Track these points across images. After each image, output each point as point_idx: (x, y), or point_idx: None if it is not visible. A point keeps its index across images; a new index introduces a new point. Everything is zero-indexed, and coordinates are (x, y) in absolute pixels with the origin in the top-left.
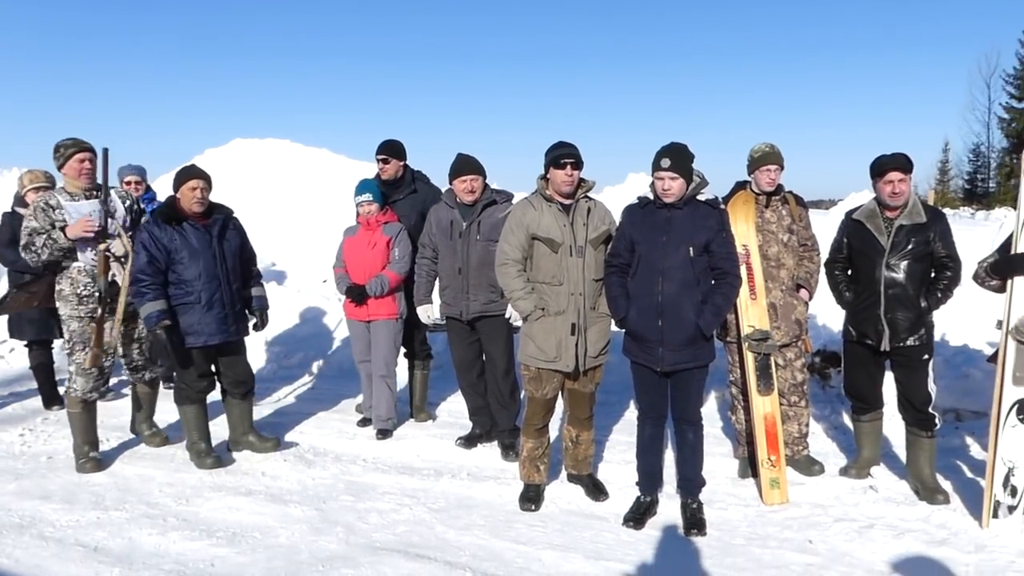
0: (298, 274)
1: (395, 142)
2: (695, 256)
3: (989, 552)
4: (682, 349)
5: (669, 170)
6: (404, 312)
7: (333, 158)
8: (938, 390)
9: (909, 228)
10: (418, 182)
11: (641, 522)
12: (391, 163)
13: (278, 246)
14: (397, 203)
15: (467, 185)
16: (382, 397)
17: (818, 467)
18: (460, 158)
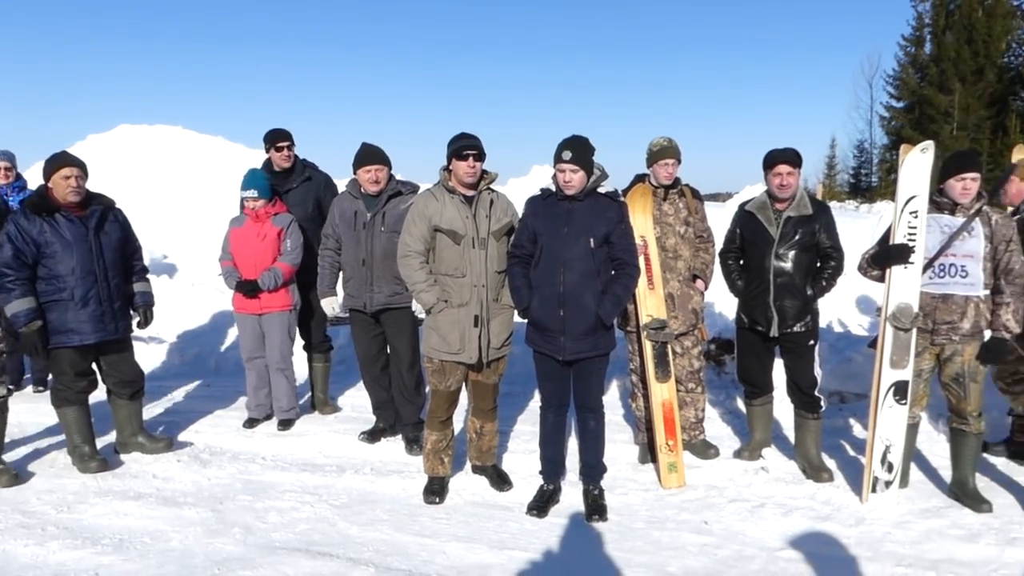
0: (192, 267)
1: (286, 130)
2: (596, 247)
3: (868, 525)
4: (583, 338)
5: (571, 162)
6: (298, 303)
7: (229, 147)
8: (823, 374)
9: (796, 220)
10: (309, 169)
11: (544, 510)
12: (285, 149)
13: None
14: (291, 192)
15: (372, 175)
16: (282, 388)
17: (713, 450)
18: (364, 147)
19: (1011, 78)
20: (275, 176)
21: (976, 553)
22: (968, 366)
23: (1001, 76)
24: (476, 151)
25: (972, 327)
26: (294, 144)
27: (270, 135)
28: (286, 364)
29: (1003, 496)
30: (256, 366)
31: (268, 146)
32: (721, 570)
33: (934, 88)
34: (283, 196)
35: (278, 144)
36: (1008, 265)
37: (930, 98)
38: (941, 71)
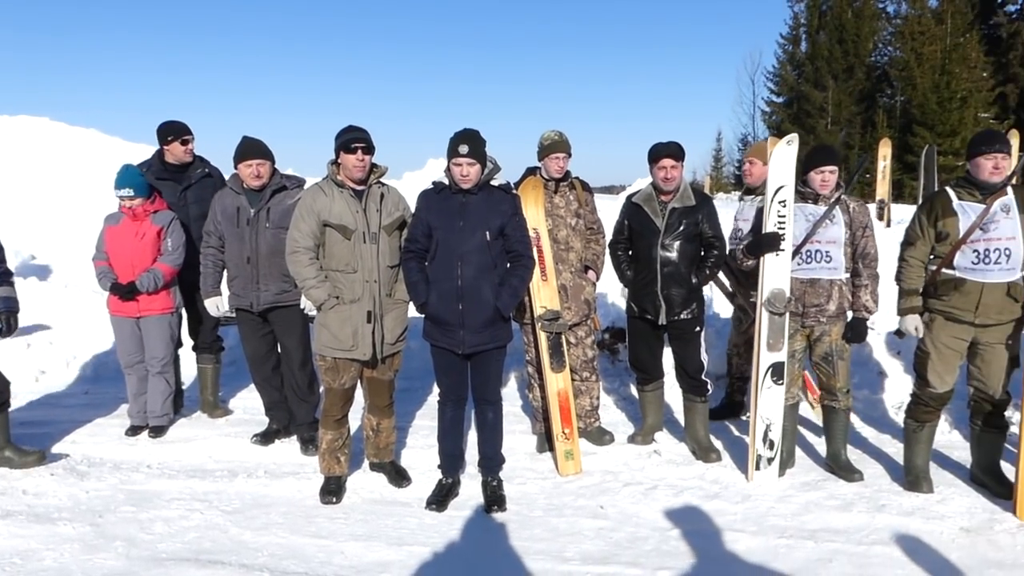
0: (65, 268)
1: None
2: (491, 240)
3: (753, 501)
4: (482, 331)
5: (468, 156)
6: (180, 305)
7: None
8: (711, 358)
9: (681, 211)
10: (206, 165)
11: (444, 504)
12: (191, 143)
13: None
14: (191, 188)
15: (253, 170)
16: (157, 392)
17: (609, 437)
18: (245, 141)
19: (878, 76)
20: (171, 171)
21: (850, 521)
22: (835, 345)
23: (869, 74)
24: (365, 144)
25: (837, 309)
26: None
27: (173, 128)
28: (165, 369)
29: (873, 466)
30: (136, 371)
31: (170, 139)
32: (616, 552)
33: (810, 84)
34: (181, 192)
35: (184, 137)
36: (865, 250)
37: (807, 94)
38: (816, 69)
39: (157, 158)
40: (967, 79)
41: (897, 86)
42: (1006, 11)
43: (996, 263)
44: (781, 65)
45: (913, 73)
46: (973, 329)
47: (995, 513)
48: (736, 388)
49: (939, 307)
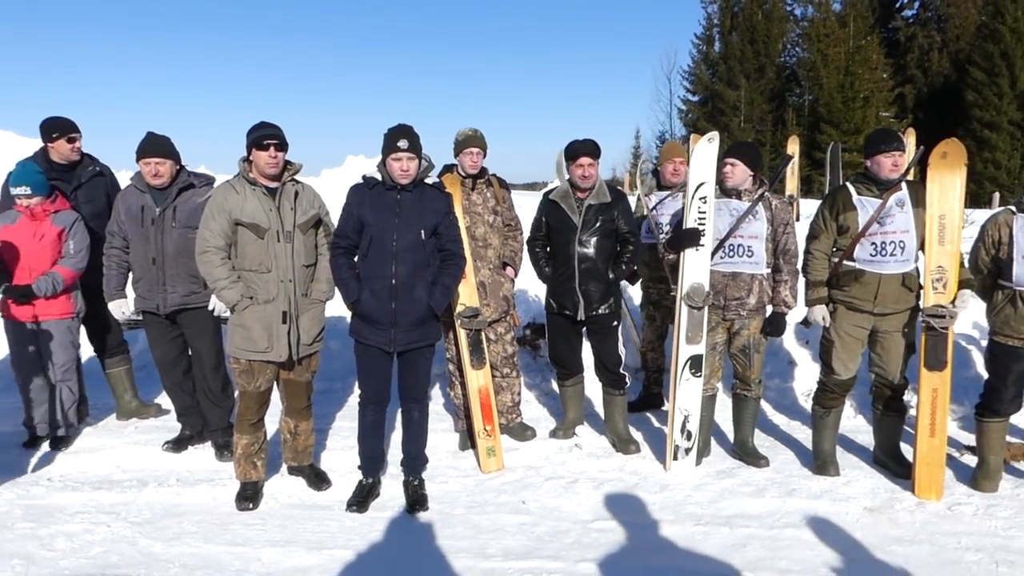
0: None
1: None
2: (426, 239)
3: (671, 490)
4: (413, 329)
5: (408, 151)
6: (82, 309)
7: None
8: (630, 351)
9: (597, 207)
10: (96, 162)
11: (364, 505)
12: (78, 140)
13: None
14: (82, 187)
15: (151, 168)
16: (60, 401)
17: (531, 432)
18: (147, 138)
19: (787, 76)
20: (58, 171)
21: (763, 506)
22: (753, 338)
23: (779, 74)
24: (277, 140)
25: (757, 302)
26: (80, 135)
27: (59, 124)
28: (67, 376)
29: (785, 452)
30: (33, 379)
31: (55, 136)
32: (538, 547)
33: (724, 84)
34: (71, 192)
35: (71, 135)
36: (785, 246)
37: (720, 93)
38: (729, 68)
39: (41, 156)
40: (869, 80)
41: (805, 86)
42: (903, 16)
43: (892, 255)
44: (696, 64)
45: (819, 73)
46: (873, 318)
47: (896, 492)
48: (653, 380)
49: (841, 297)
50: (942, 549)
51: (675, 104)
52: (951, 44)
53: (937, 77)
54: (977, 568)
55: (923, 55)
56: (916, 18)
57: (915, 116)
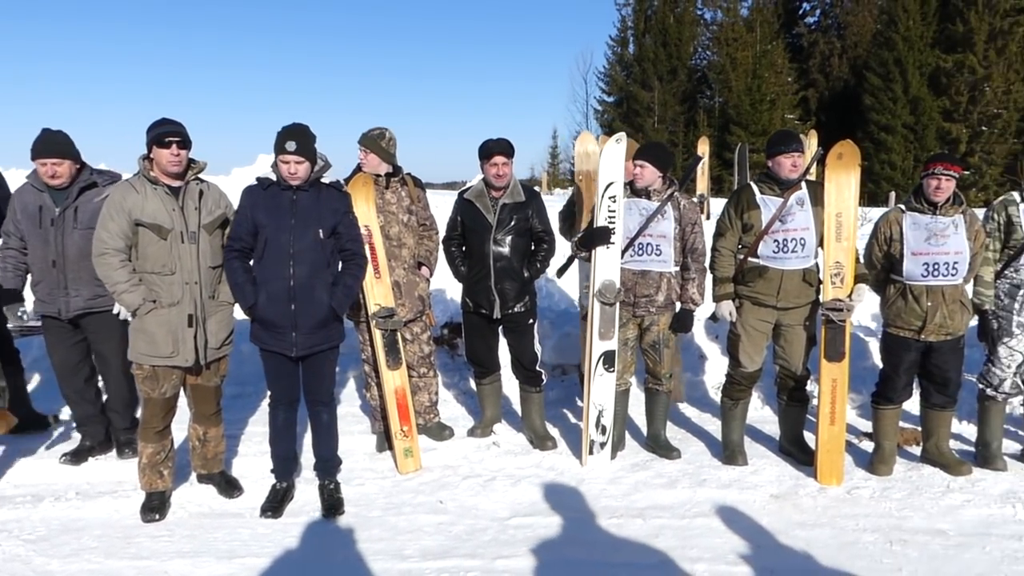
0: None
1: None
2: (324, 238)
3: (587, 484)
4: (315, 332)
5: (296, 153)
6: None
7: None
8: (546, 349)
9: (511, 206)
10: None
11: (279, 510)
12: None
13: None
14: None
15: (48, 170)
16: None
17: (449, 431)
18: (42, 136)
19: (698, 78)
20: None
21: (675, 497)
22: (663, 334)
23: (691, 76)
24: (180, 138)
25: (666, 300)
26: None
27: None
28: None
29: (696, 444)
30: None
31: None
32: (455, 546)
33: (638, 85)
34: None
35: None
36: (693, 245)
37: (635, 94)
38: (643, 70)
39: None
40: (775, 83)
41: (715, 88)
42: (806, 23)
43: (793, 252)
44: (611, 66)
45: (728, 76)
46: (776, 312)
47: (800, 479)
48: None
49: (747, 293)
50: (842, 531)
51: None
52: (850, 50)
53: (838, 82)
54: (873, 548)
55: (824, 60)
56: (818, 25)
57: (818, 118)
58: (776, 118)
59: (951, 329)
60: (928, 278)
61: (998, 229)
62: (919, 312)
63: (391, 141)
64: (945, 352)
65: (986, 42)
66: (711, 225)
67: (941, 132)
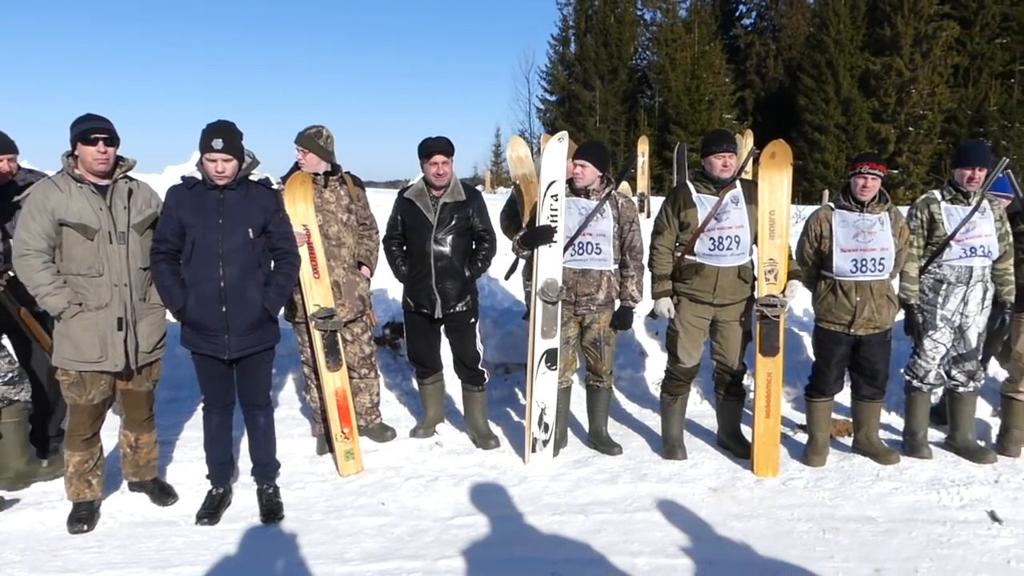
0: None
1: None
2: (255, 238)
3: (530, 482)
4: (249, 334)
5: (223, 151)
6: None
7: None
8: (488, 348)
9: (452, 205)
10: None
11: (215, 516)
12: None
13: None
14: None
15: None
16: None
17: (391, 432)
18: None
19: (639, 78)
20: None
21: (616, 492)
22: (603, 332)
23: (632, 76)
24: (107, 134)
25: (606, 298)
26: None
27: None
28: None
29: (637, 439)
30: None
31: None
32: (398, 547)
33: (580, 84)
34: None
35: None
36: (632, 243)
37: (577, 93)
38: (584, 69)
39: None
40: (713, 84)
41: (655, 88)
42: (743, 24)
43: (728, 249)
44: (553, 65)
45: (668, 76)
46: (713, 308)
47: (737, 472)
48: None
49: (684, 290)
50: (777, 521)
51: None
52: (785, 52)
53: (773, 83)
54: (807, 536)
55: (760, 62)
56: (754, 27)
57: (755, 118)
58: (714, 118)
59: (879, 323)
60: (856, 274)
61: (921, 226)
62: (848, 307)
63: (328, 139)
64: (873, 345)
65: (912, 46)
66: (652, 223)
67: (871, 132)
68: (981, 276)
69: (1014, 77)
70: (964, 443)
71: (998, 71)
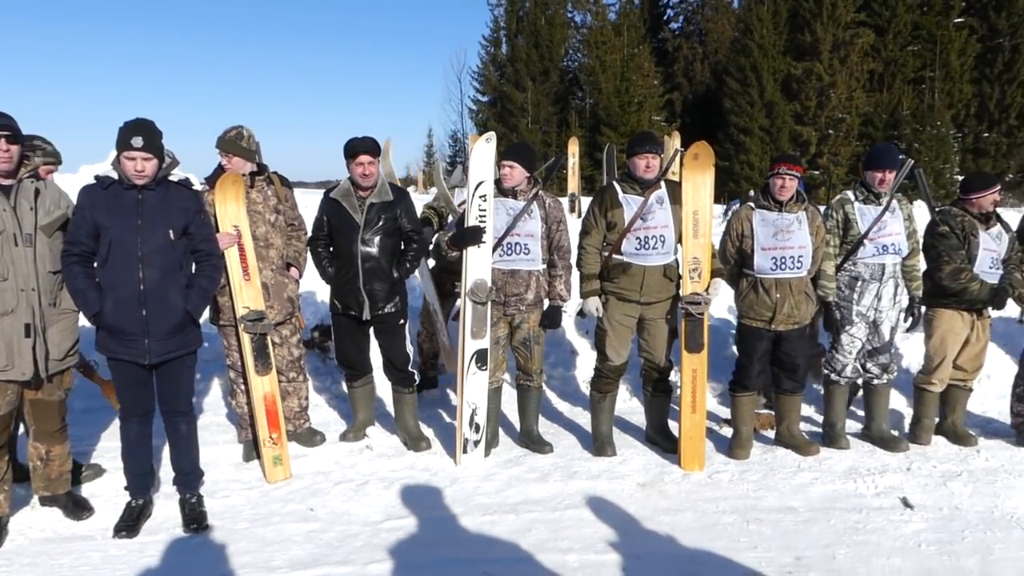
0: None
1: None
2: (175, 240)
3: (461, 483)
4: (171, 338)
5: (143, 150)
6: None
7: None
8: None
9: (379, 206)
10: None
11: (135, 529)
12: None
13: None
14: None
15: None
16: None
17: (320, 437)
18: None
19: (570, 80)
20: None
21: (547, 490)
22: (533, 331)
23: (563, 77)
24: (9, 132)
25: (535, 297)
26: None
27: None
28: None
29: (568, 437)
30: None
31: None
32: (327, 553)
33: (511, 85)
34: None
35: None
36: (559, 242)
37: (509, 94)
38: (516, 70)
39: None
40: (642, 86)
41: (586, 90)
42: (671, 28)
43: (654, 248)
44: (485, 66)
45: (599, 78)
46: (640, 307)
47: (665, 467)
48: (429, 365)
49: (612, 289)
50: (703, 514)
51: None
52: (711, 56)
53: (700, 85)
54: (732, 528)
55: (688, 65)
56: (681, 31)
57: (683, 120)
58: (644, 120)
59: (798, 319)
60: (776, 271)
61: (837, 226)
62: (769, 303)
63: (251, 139)
64: (793, 340)
65: (831, 51)
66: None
67: (793, 134)
68: (893, 273)
69: (925, 83)
70: (879, 433)
71: (910, 77)
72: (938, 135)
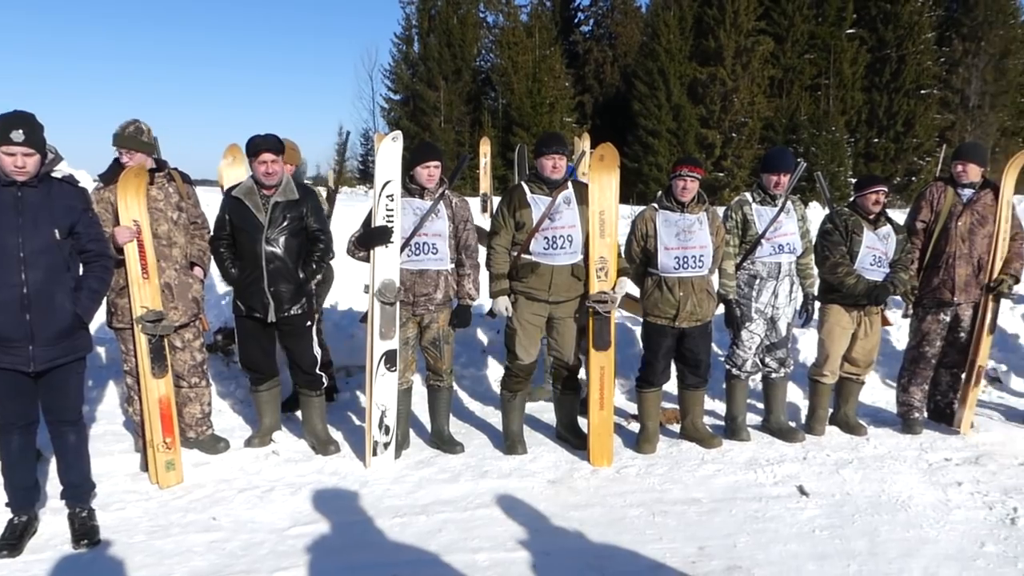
0: None
1: None
2: (61, 239)
3: (371, 486)
4: (58, 343)
5: (23, 144)
6: None
7: None
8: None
9: (284, 205)
10: None
11: (18, 547)
12: None
13: None
14: None
15: None
16: None
17: (224, 444)
18: None
19: (483, 80)
20: None
21: (458, 490)
22: (442, 331)
23: (475, 77)
24: None
25: (444, 297)
26: None
27: None
28: None
29: (479, 437)
30: None
31: None
32: (230, 563)
33: (424, 84)
34: None
35: None
36: (466, 242)
37: (421, 93)
38: (428, 69)
39: None
40: (554, 88)
41: (498, 90)
42: (582, 31)
43: (562, 248)
44: (396, 64)
45: (510, 79)
46: (548, 306)
47: (575, 463)
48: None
49: (521, 288)
50: (611, 509)
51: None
52: (620, 59)
53: (610, 88)
54: (638, 521)
55: (598, 68)
56: (592, 34)
57: (594, 122)
58: (555, 121)
59: (700, 316)
60: (679, 270)
61: (736, 226)
62: (672, 301)
63: (149, 133)
64: (696, 337)
65: (733, 58)
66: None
67: (699, 137)
68: (788, 271)
69: (821, 90)
70: (777, 424)
71: (807, 84)
72: (833, 140)
